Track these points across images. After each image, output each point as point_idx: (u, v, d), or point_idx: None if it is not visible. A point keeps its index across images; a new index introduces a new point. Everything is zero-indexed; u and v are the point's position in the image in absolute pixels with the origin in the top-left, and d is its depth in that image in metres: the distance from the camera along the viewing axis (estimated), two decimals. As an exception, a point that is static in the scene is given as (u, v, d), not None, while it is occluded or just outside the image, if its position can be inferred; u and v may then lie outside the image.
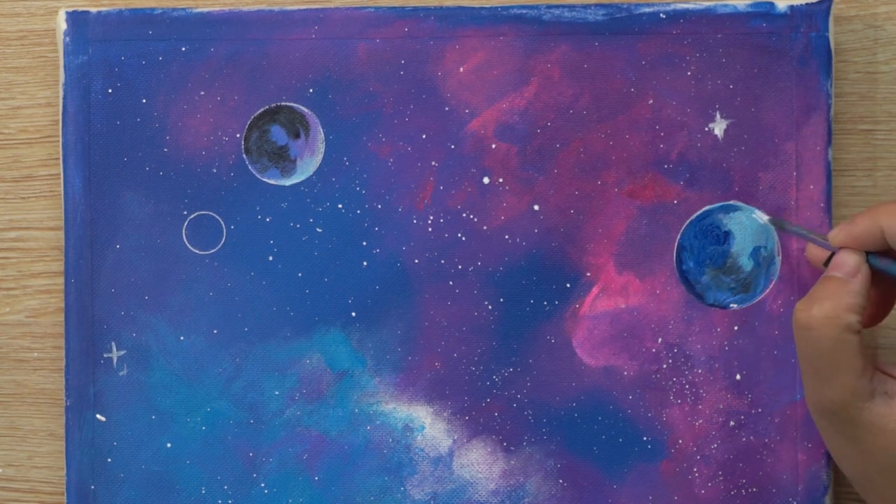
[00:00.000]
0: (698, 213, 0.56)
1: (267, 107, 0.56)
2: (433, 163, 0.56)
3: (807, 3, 0.55)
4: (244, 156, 0.56)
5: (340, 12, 0.56)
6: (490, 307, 0.56)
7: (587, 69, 0.56)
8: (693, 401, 0.56)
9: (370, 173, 0.56)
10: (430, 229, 0.56)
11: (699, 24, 0.56)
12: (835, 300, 0.49)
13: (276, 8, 0.57)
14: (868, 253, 0.50)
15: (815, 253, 0.53)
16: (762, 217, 0.56)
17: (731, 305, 0.56)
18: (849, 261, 0.50)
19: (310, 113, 0.56)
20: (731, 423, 0.56)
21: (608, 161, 0.56)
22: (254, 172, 0.56)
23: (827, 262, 0.51)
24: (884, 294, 0.52)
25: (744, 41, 0.56)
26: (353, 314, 0.56)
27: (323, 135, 0.56)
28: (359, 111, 0.56)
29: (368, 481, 0.56)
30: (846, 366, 0.48)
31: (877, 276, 0.51)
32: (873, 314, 0.53)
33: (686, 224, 0.56)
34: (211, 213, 0.56)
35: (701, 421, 0.56)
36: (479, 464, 0.56)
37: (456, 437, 0.56)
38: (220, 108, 0.56)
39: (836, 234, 0.51)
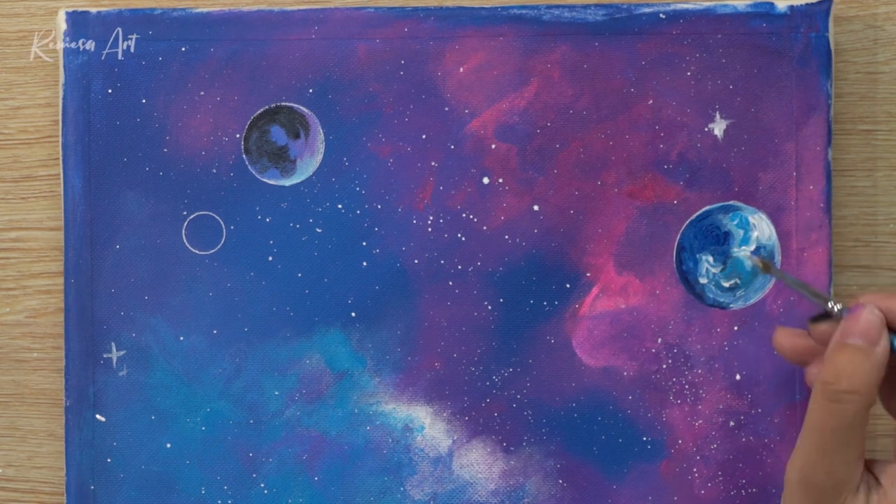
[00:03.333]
0: (698, 213, 0.56)
1: (267, 107, 0.56)
2: (433, 163, 0.56)
3: (807, 4, 0.55)
4: (244, 156, 0.56)
5: (340, 12, 0.56)
6: (490, 307, 0.56)
7: (587, 69, 0.56)
8: (693, 401, 0.56)
9: (370, 173, 0.56)
10: (429, 229, 0.56)
11: (699, 24, 0.56)
12: (862, 375, 0.46)
13: (276, 8, 0.57)
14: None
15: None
16: (748, 257, 0.55)
17: (731, 306, 0.56)
18: (874, 326, 0.46)
19: (310, 113, 0.56)
20: (731, 424, 0.56)
21: (608, 161, 0.56)
22: (254, 173, 0.56)
23: (815, 319, 0.49)
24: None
25: (744, 41, 0.56)
26: (353, 314, 0.56)
27: (323, 135, 0.56)
28: (359, 111, 0.56)
29: (368, 481, 0.56)
30: (855, 444, 0.46)
31: None
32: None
33: (686, 224, 0.56)
34: (211, 214, 0.56)
35: (701, 421, 0.56)
36: (479, 464, 0.56)
37: (456, 438, 0.56)
38: (219, 108, 0.56)
39: (868, 298, 0.47)
